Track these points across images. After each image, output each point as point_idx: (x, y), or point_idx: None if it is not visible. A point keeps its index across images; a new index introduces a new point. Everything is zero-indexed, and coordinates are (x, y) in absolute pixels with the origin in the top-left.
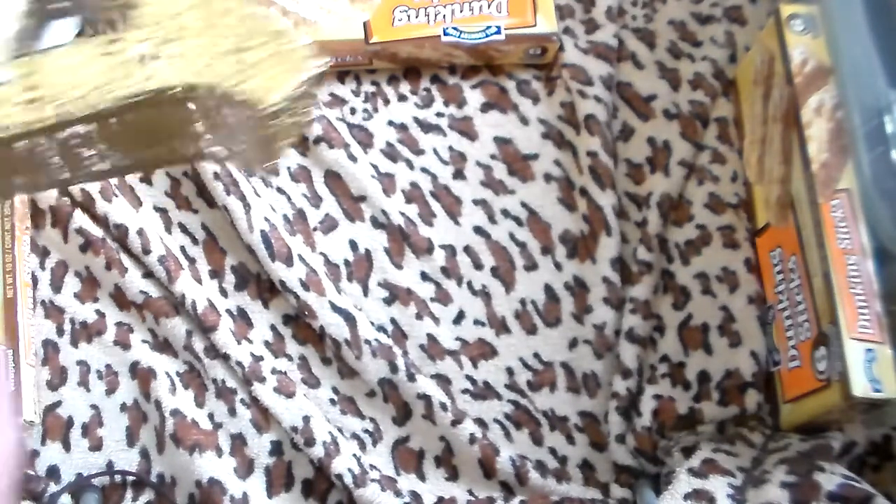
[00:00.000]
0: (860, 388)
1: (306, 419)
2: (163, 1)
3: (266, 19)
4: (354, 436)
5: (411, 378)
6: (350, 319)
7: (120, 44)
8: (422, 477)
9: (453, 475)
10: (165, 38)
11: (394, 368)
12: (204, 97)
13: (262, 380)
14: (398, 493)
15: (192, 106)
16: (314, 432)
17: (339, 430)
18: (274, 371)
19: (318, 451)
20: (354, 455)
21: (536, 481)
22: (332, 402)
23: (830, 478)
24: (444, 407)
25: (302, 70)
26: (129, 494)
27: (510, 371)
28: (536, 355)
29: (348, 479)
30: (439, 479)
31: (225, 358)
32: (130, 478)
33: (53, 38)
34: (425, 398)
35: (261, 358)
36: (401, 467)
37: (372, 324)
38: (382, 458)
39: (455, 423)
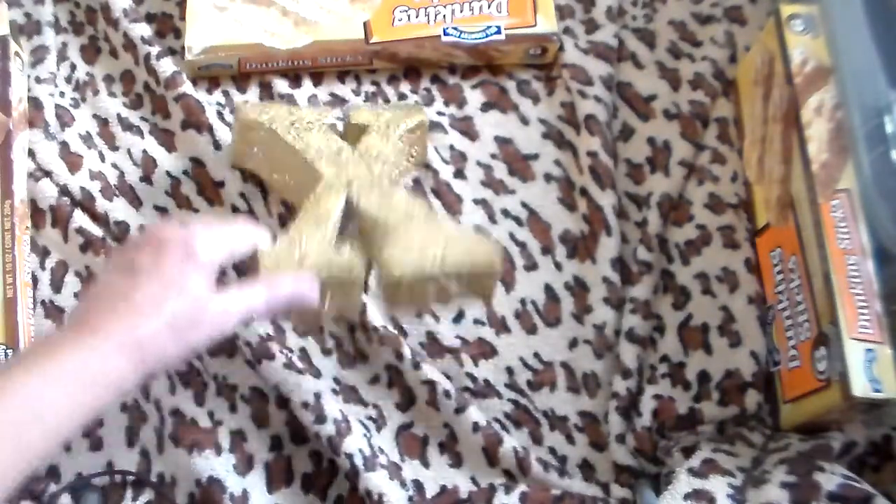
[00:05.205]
0: (860, 388)
1: (317, 395)
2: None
3: None
4: (359, 423)
5: (416, 366)
6: None
7: None
8: (426, 463)
9: (457, 462)
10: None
11: (399, 357)
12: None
13: (272, 357)
14: (403, 484)
15: None
16: (325, 409)
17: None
18: (282, 350)
19: (329, 429)
20: (365, 435)
21: (539, 472)
22: (335, 391)
23: (830, 478)
24: (447, 394)
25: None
26: (129, 494)
27: (510, 370)
28: (536, 355)
29: (358, 460)
30: (443, 465)
31: (231, 345)
32: (130, 477)
33: None
34: (429, 384)
35: (270, 337)
36: (405, 453)
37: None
38: (387, 443)
39: (458, 410)
